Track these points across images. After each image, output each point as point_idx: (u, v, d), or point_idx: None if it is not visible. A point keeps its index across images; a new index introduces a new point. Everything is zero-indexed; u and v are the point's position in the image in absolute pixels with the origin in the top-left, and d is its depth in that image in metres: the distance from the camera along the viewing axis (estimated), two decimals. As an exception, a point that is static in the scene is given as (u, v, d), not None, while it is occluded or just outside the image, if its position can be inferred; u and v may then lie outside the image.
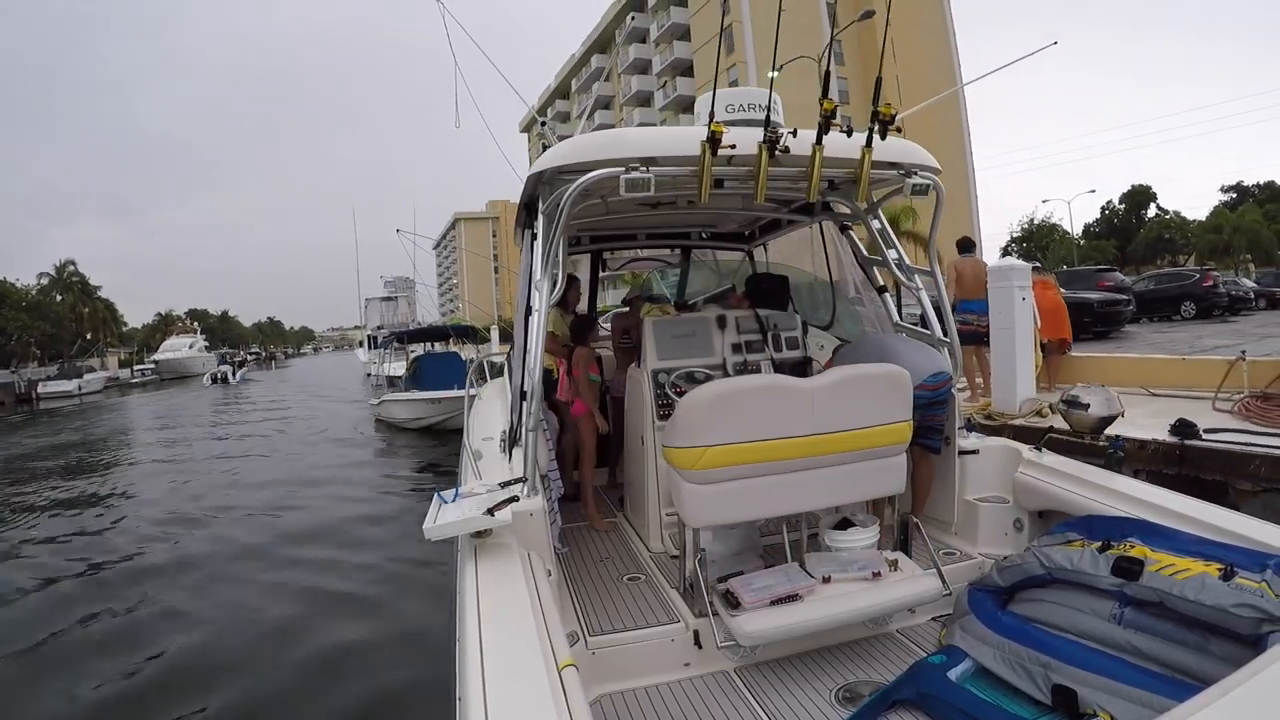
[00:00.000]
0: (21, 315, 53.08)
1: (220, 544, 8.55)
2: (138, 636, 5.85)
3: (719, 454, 2.56)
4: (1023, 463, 3.30)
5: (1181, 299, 20.35)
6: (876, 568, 2.72)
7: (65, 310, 60.03)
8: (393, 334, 24.68)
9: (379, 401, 18.72)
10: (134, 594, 6.83)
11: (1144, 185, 57.51)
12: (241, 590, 6.86)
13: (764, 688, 2.50)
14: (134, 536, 9.13)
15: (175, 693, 4.86)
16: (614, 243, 5.55)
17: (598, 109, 59.75)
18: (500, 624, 1.84)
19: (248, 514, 10.00)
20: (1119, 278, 20.12)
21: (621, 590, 3.06)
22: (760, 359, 4.08)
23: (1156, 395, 6.97)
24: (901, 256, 3.76)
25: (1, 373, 44.93)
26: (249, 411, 26.18)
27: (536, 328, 2.86)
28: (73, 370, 46.97)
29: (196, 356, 64.78)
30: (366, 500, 10.60)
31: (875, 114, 2.66)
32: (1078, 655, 2.16)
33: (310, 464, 14.08)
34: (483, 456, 3.33)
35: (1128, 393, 6.82)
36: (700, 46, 45.25)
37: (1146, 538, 2.35)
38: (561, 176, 2.85)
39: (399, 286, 40.82)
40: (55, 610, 6.51)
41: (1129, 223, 56.07)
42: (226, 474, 13.35)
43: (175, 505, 10.80)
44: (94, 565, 7.87)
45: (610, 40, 58.98)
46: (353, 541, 8.33)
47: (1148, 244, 52.17)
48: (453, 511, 2.36)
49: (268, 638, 5.66)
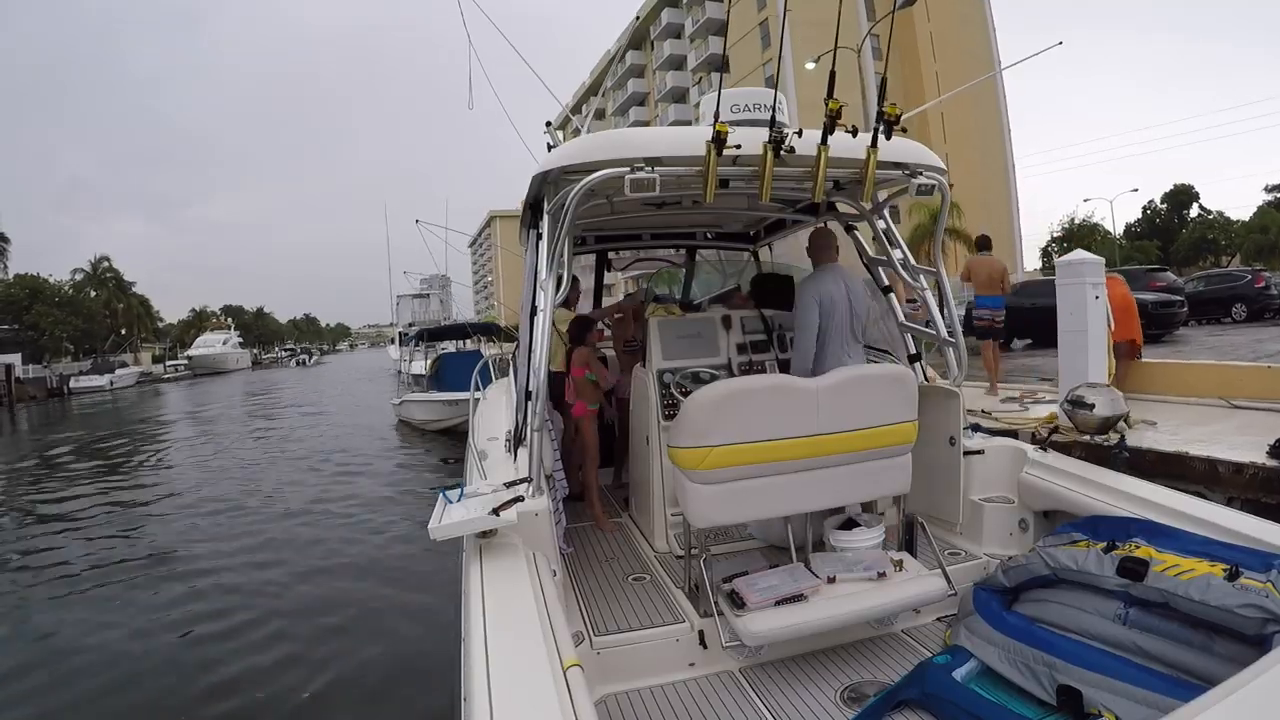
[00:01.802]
0: (54, 311, 53.80)
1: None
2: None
3: (724, 454, 2.56)
4: (1028, 463, 3.30)
5: (1233, 300, 19.64)
6: (881, 568, 2.72)
7: (99, 306, 60.73)
8: (413, 332, 24.43)
9: (399, 401, 18.43)
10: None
11: (1186, 184, 55.87)
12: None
13: (769, 688, 2.50)
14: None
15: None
16: (619, 243, 5.55)
17: (632, 105, 59.73)
18: (505, 624, 1.85)
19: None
20: (1171, 278, 19.44)
21: (626, 590, 3.06)
22: (765, 359, 4.08)
23: (1238, 408, 6.22)
24: (906, 256, 3.75)
25: (34, 367, 45.82)
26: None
27: (541, 328, 2.87)
28: (105, 365, 48.22)
29: (230, 353, 65.54)
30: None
31: (880, 114, 2.66)
32: (1083, 655, 2.15)
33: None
34: (488, 456, 3.34)
35: (1204, 404, 6.38)
36: (735, 42, 44.57)
37: (1151, 538, 2.34)
38: (567, 176, 2.85)
39: (433, 284, 40.75)
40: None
41: (1171, 222, 54.65)
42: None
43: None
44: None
45: (645, 36, 58.47)
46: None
47: (1190, 244, 50.86)
48: (458, 511, 2.37)
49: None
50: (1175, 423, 5.79)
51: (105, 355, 53.84)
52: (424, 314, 38.91)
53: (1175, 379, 7.15)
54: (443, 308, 39.51)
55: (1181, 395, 6.59)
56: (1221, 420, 5.78)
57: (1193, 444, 4.99)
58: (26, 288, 53.08)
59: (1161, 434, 5.47)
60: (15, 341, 46.60)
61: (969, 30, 44.39)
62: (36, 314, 52.10)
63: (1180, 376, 7.18)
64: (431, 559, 6.56)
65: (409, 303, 40.88)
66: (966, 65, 40.28)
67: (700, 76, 50.43)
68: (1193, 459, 4.75)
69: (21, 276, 53.62)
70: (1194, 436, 5.24)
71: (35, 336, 51.40)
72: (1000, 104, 46.18)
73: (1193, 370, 7.44)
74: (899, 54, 41.91)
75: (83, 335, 57.18)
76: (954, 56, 40.46)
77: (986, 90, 43.59)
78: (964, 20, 43.98)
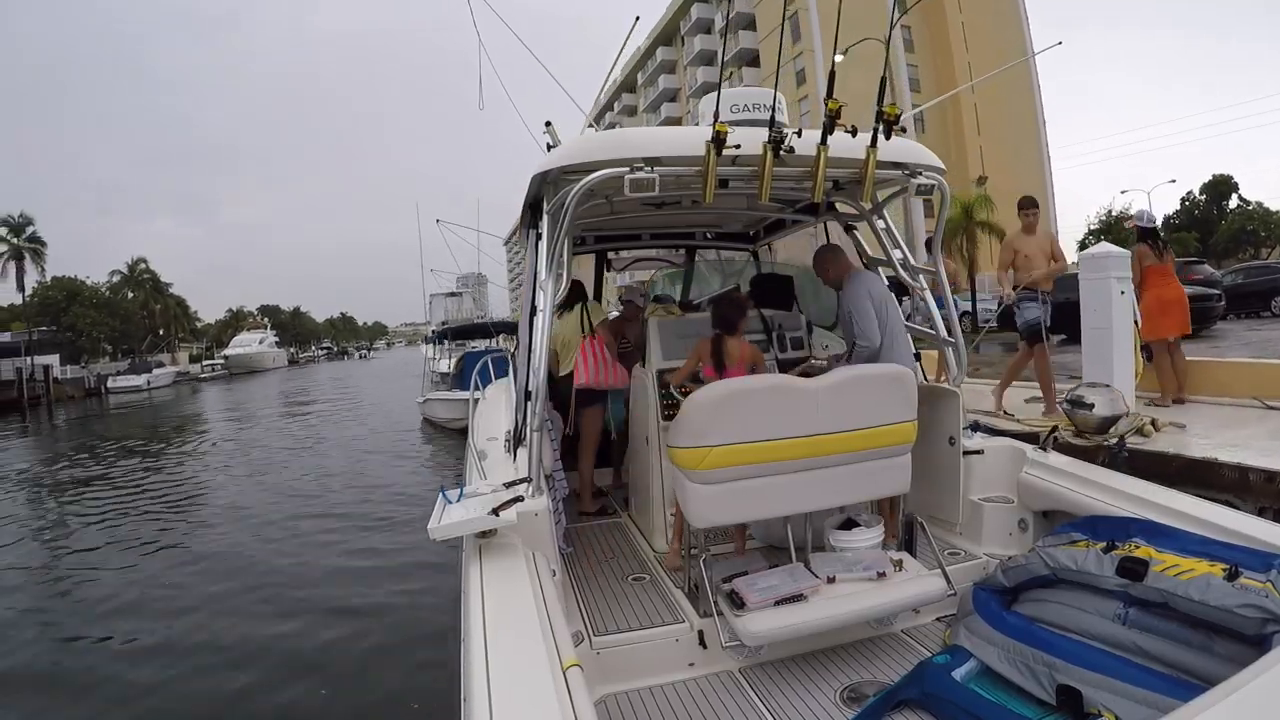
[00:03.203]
0: (91, 312, 54.54)
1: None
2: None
3: (723, 454, 2.56)
4: (1027, 463, 3.30)
5: (1272, 293, 18.95)
6: (881, 568, 2.72)
7: (136, 307, 61.54)
8: (438, 331, 24.47)
9: (424, 400, 18.71)
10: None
11: (1225, 175, 53.68)
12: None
13: (769, 688, 2.50)
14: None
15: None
16: (619, 243, 5.55)
17: (664, 101, 59.30)
18: (505, 624, 1.85)
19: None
20: (1208, 271, 19.03)
21: (626, 590, 3.06)
22: (766, 359, 4.08)
23: (1273, 409, 5.83)
24: (907, 256, 3.75)
25: (72, 368, 46.82)
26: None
27: (541, 328, 2.86)
28: (142, 365, 49.31)
29: (266, 352, 66.17)
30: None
31: (880, 114, 2.65)
32: (1082, 655, 2.15)
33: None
34: (487, 456, 3.34)
35: (1238, 404, 6.01)
36: (766, 36, 44.40)
37: (1151, 538, 2.34)
38: (566, 176, 2.85)
39: (468, 282, 40.80)
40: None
41: (1210, 214, 52.69)
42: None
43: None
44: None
45: (675, 32, 58.13)
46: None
47: (1230, 236, 49.07)
48: (458, 511, 2.37)
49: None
50: (1205, 425, 5.55)
51: (142, 355, 55.10)
52: (457, 312, 39.06)
53: (1208, 378, 6.67)
54: (476, 306, 39.54)
55: (1214, 395, 6.28)
56: (1255, 424, 5.49)
57: (1223, 449, 4.76)
58: (64, 290, 53.92)
59: (1191, 437, 5.21)
60: (54, 343, 47.63)
61: (1001, 22, 43.51)
62: (74, 315, 52.92)
63: (1212, 374, 6.72)
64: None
65: (442, 301, 41.10)
66: (1000, 57, 38.82)
67: (731, 71, 50.06)
68: (1222, 465, 4.53)
69: (59, 279, 54.27)
70: (1225, 440, 5.00)
71: (73, 337, 52.27)
72: (1035, 96, 45.31)
73: (1225, 368, 6.95)
74: (930, 47, 41.72)
75: (120, 336, 58.21)
76: (986, 48, 39.68)
77: (1021, 82, 42.88)
78: (996, 12, 43.35)
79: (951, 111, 40.94)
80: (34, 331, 45.83)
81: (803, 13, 40.66)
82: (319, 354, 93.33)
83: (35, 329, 46.78)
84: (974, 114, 41.27)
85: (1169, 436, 5.28)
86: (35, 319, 48.82)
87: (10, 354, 39.10)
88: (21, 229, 47.61)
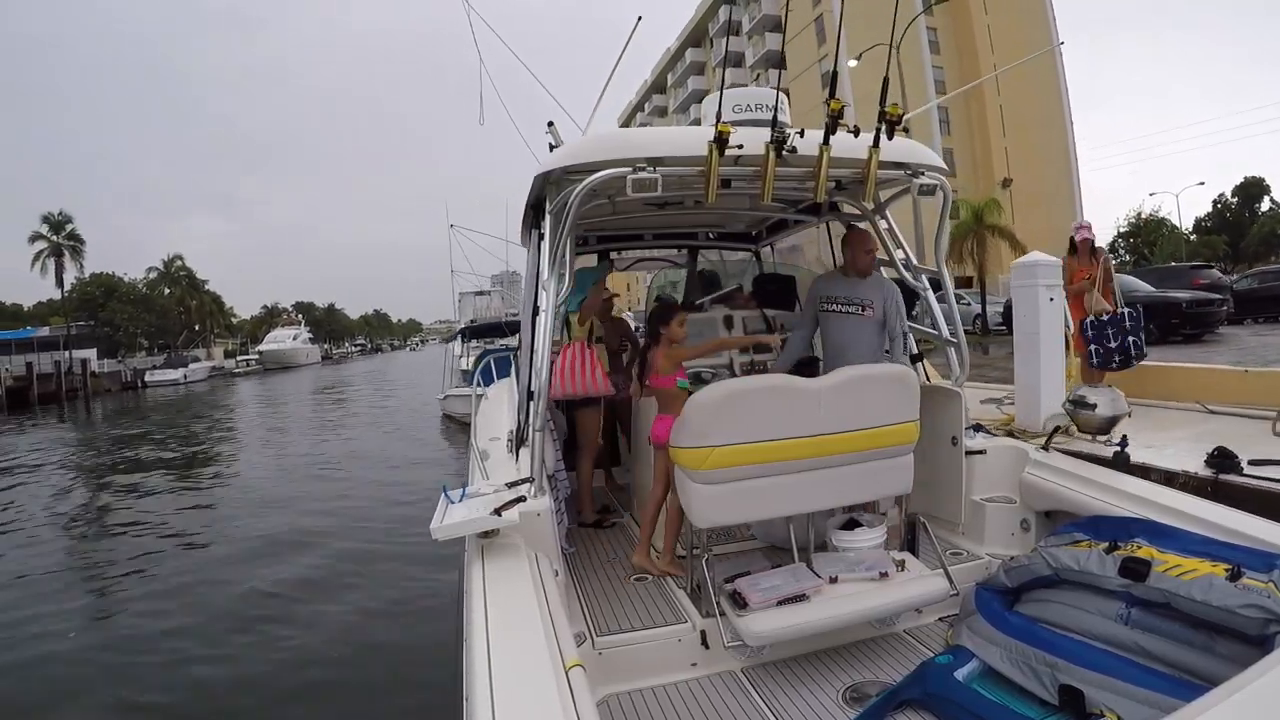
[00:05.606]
0: (128, 308, 55.30)
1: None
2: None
3: (726, 454, 2.57)
4: (1029, 463, 3.30)
5: None
6: (883, 568, 2.72)
7: (172, 303, 62.34)
8: (462, 329, 24.64)
9: (444, 396, 18.96)
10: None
11: (1257, 177, 52.40)
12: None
13: (771, 688, 2.50)
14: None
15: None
16: (621, 243, 5.55)
17: (693, 102, 58.92)
18: (507, 624, 1.85)
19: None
20: (1215, 275, 18.70)
21: (628, 590, 3.06)
22: (767, 359, 4.09)
23: (1214, 413, 5.98)
24: (909, 256, 3.75)
25: (109, 362, 47.64)
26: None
27: (544, 328, 2.87)
28: (178, 360, 50.11)
29: (300, 348, 66.96)
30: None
31: (882, 114, 2.66)
32: (1085, 655, 2.15)
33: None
34: (490, 456, 3.34)
35: (1182, 409, 6.13)
36: (793, 37, 44.00)
37: (1153, 538, 2.34)
38: (569, 176, 2.85)
39: (501, 281, 41.09)
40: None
41: (1241, 217, 51.52)
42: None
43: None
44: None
45: (704, 34, 58.08)
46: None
47: (1260, 239, 47.71)
48: (460, 511, 2.37)
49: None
50: (1138, 426, 5.36)
51: (179, 350, 55.95)
52: (485, 311, 39.16)
53: (1161, 382, 6.98)
54: (504, 304, 39.70)
55: (1163, 400, 6.48)
56: (1189, 426, 5.67)
57: (1138, 450, 4.67)
58: (102, 285, 54.50)
59: (1114, 438, 5.23)
60: (92, 337, 48.49)
61: (1028, 22, 42.51)
62: (111, 310, 53.65)
63: (1166, 379, 7.04)
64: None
65: (470, 300, 41.34)
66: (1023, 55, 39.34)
67: (759, 73, 49.79)
68: (1131, 466, 4.40)
69: (97, 275, 54.87)
70: (1147, 441, 5.00)
71: (110, 332, 53.05)
72: (1063, 97, 44.68)
73: (1177, 373, 7.29)
74: (956, 49, 41.34)
75: (156, 331, 59.10)
76: (1011, 50, 38.72)
77: (1048, 82, 42.46)
78: (1022, 12, 42.82)
79: (976, 112, 40.59)
80: (72, 326, 46.58)
81: (828, 15, 40.68)
82: (352, 350, 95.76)
83: (74, 324, 47.46)
84: (999, 115, 40.89)
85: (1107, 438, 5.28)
86: (74, 314, 49.41)
87: (49, 348, 40.10)
88: (61, 226, 48.09)
